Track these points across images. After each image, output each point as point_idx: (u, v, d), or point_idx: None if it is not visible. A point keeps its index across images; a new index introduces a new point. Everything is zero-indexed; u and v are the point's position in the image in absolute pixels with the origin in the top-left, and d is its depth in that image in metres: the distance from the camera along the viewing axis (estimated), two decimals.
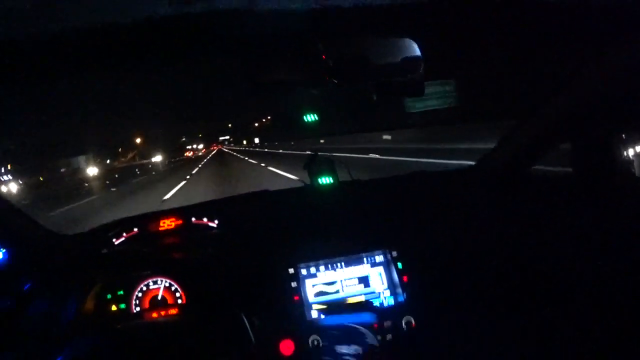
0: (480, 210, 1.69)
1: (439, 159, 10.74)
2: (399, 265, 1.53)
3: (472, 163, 1.95)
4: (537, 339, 1.41)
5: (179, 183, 16.31)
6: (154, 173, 31.57)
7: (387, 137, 22.62)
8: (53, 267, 1.62)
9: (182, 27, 0.98)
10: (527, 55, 1.69)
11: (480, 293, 1.49)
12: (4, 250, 1.59)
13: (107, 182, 26.78)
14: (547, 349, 1.40)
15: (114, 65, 1.19)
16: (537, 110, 1.52)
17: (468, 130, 13.02)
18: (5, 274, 1.57)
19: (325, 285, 1.51)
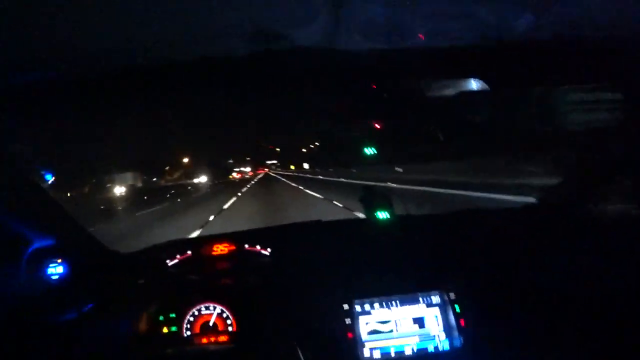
0: (542, 251, 1.61)
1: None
2: (457, 307, 1.48)
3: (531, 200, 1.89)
4: None
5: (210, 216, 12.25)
6: (193, 195, 28.02)
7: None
8: (113, 287, 1.66)
9: (258, 63, 1.03)
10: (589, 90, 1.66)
11: (542, 340, 1.42)
12: (64, 265, 1.66)
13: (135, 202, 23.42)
14: None
15: (188, 93, 1.27)
16: (603, 145, 1.47)
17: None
18: (65, 289, 1.64)
19: (379, 324, 1.47)
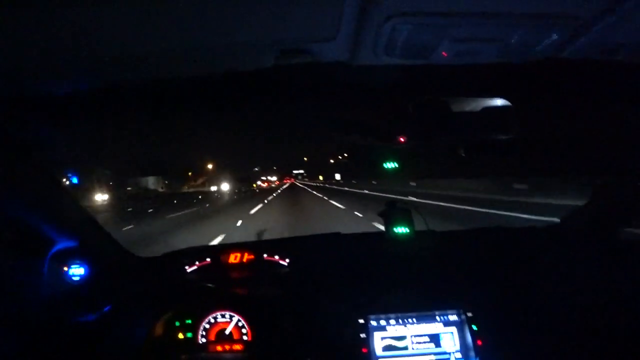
0: (564, 273, 1.58)
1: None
2: (474, 327, 1.46)
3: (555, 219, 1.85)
4: None
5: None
6: (207, 205, 23.55)
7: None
8: (132, 291, 1.69)
9: (284, 76, 1.05)
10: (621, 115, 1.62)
11: None
12: (85, 266, 1.69)
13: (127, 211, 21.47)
14: None
15: (220, 104, 1.30)
16: (631, 167, 1.43)
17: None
18: (85, 290, 1.67)
19: (394, 340, 1.46)
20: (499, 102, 1.29)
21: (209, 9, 0.70)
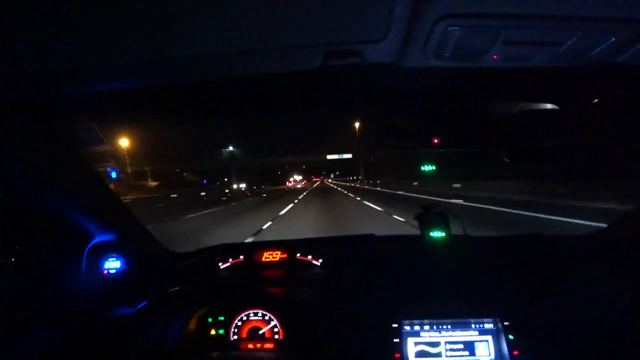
0: (608, 283, 1.51)
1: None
2: (510, 337, 1.42)
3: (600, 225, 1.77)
4: None
5: None
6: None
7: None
8: (167, 286, 1.72)
9: (329, 77, 1.05)
10: None
11: None
12: (122, 260, 1.74)
13: None
14: None
15: (266, 104, 1.31)
16: None
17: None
18: (121, 284, 1.71)
19: (427, 346, 1.44)
20: (544, 106, 1.25)
21: (258, 11, 0.71)
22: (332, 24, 0.76)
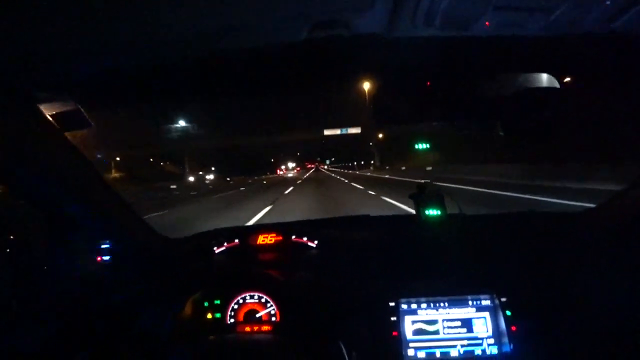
0: (601, 261, 1.51)
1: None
2: (508, 312, 1.41)
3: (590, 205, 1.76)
4: None
5: None
6: None
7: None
8: (162, 272, 1.71)
9: (319, 50, 1.02)
10: None
11: (596, 354, 1.33)
12: (115, 247, 1.71)
13: None
14: None
15: (254, 79, 1.28)
16: None
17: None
18: (115, 271, 1.70)
19: (425, 324, 1.43)
20: (539, 78, 1.23)
21: None
22: None
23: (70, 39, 0.79)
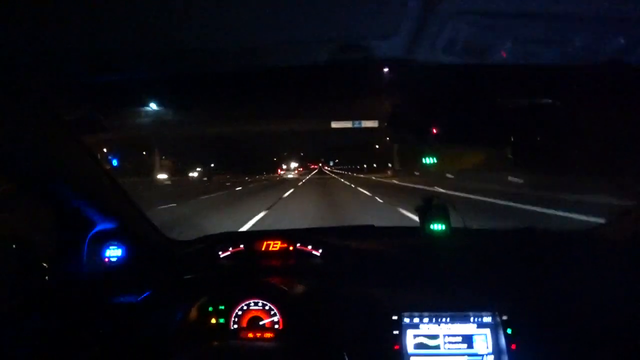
0: (606, 279, 1.52)
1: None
2: (509, 330, 1.43)
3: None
4: None
5: None
6: None
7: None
8: (168, 274, 1.72)
9: (336, 72, 1.05)
10: None
11: None
12: (123, 248, 1.74)
13: None
14: None
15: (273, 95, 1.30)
16: None
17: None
18: (122, 272, 1.72)
19: (426, 338, 1.45)
20: (549, 103, 1.25)
21: (270, 5, 0.70)
22: (343, 18, 0.75)
23: (99, 48, 0.81)
